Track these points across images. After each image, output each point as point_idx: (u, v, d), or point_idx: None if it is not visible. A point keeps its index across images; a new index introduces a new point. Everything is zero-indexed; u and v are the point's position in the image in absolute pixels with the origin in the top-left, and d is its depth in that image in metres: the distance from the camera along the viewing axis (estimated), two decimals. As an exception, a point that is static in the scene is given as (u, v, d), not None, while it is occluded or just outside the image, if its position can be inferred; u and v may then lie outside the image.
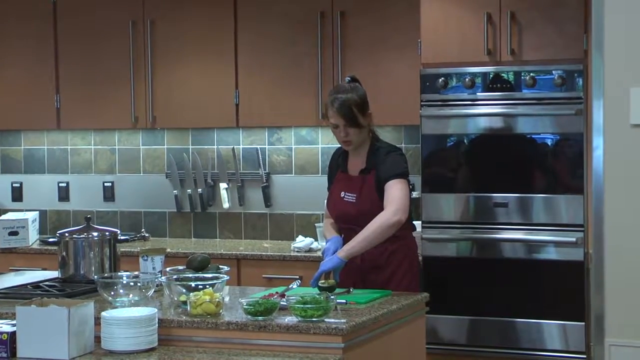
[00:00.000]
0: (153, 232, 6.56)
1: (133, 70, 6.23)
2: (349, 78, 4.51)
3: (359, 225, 4.34)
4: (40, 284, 4.43)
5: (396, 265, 4.37)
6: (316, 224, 6.06)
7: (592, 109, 4.09)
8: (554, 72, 5.21)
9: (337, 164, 4.55)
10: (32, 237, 6.34)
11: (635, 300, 3.99)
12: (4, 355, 3.48)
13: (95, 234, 4.50)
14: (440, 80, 5.38)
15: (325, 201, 4.62)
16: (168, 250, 5.07)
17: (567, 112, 5.17)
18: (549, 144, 5.31)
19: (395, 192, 4.26)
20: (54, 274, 4.61)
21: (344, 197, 4.42)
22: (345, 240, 4.41)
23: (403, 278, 4.38)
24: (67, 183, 6.82)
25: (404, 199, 4.27)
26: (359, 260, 4.32)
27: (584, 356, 5.15)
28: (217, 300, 3.76)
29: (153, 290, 4.00)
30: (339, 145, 4.56)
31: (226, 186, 6.37)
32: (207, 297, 3.75)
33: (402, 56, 5.68)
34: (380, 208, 4.29)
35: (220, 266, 4.39)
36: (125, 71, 6.25)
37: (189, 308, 3.77)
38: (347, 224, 4.43)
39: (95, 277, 4.14)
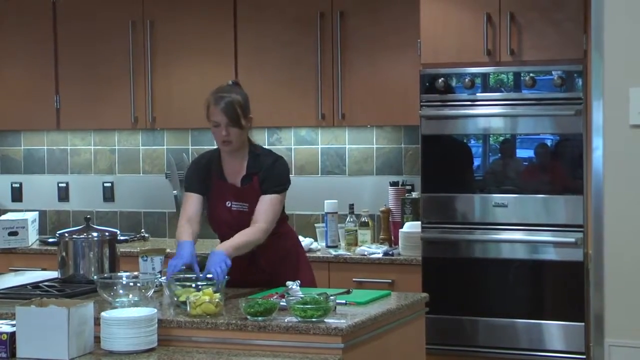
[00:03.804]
0: (153, 232, 6.56)
1: (133, 71, 6.24)
2: (231, 82, 4.50)
3: None
4: (40, 284, 4.43)
5: (294, 256, 4.49)
6: (316, 224, 6.06)
7: (592, 109, 4.09)
8: (553, 72, 5.22)
9: (209, 169, 4.43)
10: (32, 237, 6.34)
11: (635, 301, 3.99)
12: (4, 355, 3.48)
13: (94, 234, 4.50)
14: (440, 80, 5.38)
15: (187, 205, 4.42)
16: (168, 250, 5.06)
17: (567, 112, 5.17)
18: (549, 144, 5.32)
19: (268, 208, 4.30)
20: (54, 274, 4.62)
21: (231, 206, 4.36)
22: None
23: (305, 272, 4.49)
24: (67, 183, 6.82)
25: (273, 216, 4.31)
26: (263, 262, 4.37)
27: (584, 356, 5.15)
28: (216, 300, 3.76)
29: (153, 290, 4.00)
30: (204, 152, 4.61)
31: (226, 186, 6.36)
32: (207, 298, 3.75)
33: (401, 56, 5.69)
34: None
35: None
36: (125, 72, 6.25)
37: (188, 308, 3.77)
38: (236, 232, 4.32)
39: (95, 277, 4.14)
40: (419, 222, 5.49)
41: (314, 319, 3.61)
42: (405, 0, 5.63)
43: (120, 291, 3.93)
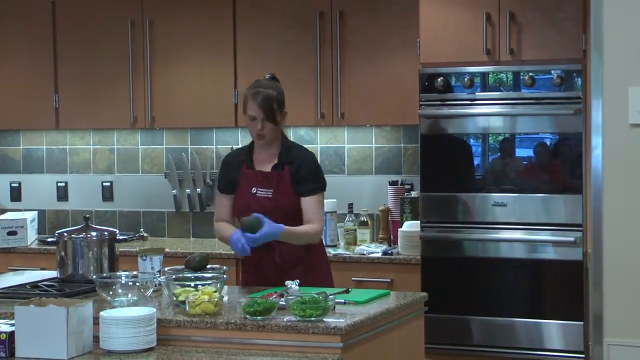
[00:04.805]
0: (152, 231, 6.56)
1: (132, 70, 6.23)
2: (269, 75, 4.57)
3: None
4: (39, 284, 4.42)
5: (309, 260, 4.43)
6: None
7: (591, 108, 4.10)
8: (552, 71, 5.22)
9: (238, 164, 4.51)
10: (31, 236, 6.34)
11: (634, 300, 4.00)
12: (3, 355, 3.48)
13: (93, 233, 4.50)
14: (439, 80, 5.38)
15: (219, 206, 4.58)
16: (167, 250, 5.06)
17: (566, 111, 5.17)
18: (548, 143, 5.32)
19: (320, 210, 4.45)
20: (53, 273, 4.61)
21: (256, 193, 4.43)
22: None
23: (321, 272, 4.48)
24: (66, 183, 6.82)
25: (322, 215, 4.49)
26: (278, 258, 4.40)
27: (583, 356, 5.15)
28: (215, 299, 3.76)
29: (152, 290, 4.00)
30: (234, 149, 4.73)
31: (225, 186, 6.36)
32: (206, 297, 3.75)
33: (401, 56, 5.68)
34: (295, 203, 4.40)
35: (219, 265, 4.40)
36: (124, 71, 6.25)
37: (187, 308, 3.77)
38: None
39: (94, 276, 4.14)
40: (418, 222, 5.49)
41: (313, 318, 3.60)
42: (405, 0, 5.63)
43: (119, 291, 3.93)
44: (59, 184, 6.83)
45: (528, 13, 5.25)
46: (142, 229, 6.55)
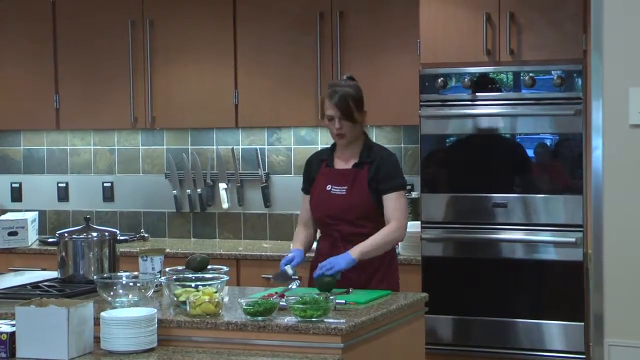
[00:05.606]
0: (152, 232, 6.56)
1: (132, 71, 6.23)
2: (347, 76, 4.59)
3: (344, 219, 4.39)
4: (40, 284, 4.43)
5: (377, 264, 4.39)
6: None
7: (591, 109, 4.10)
8: (553, 72, 5.22)
9: (320, 160, 4.56)
10: (32, 237, 6.34)
11: (635, 301, 4.00)
12: (4, 355, 3.48)
13: (94, 234, 4.50)
14: (440, 80, 5.37)
15: (302, 207, 4.61)
16: (167, 250, 5.07)
17: (566, 112, 5.17)
18: (548, 144, 5.31)
19: (400, 207, 4.42)
20: (54, 274, 4.62)
21: (330, 190, 4.46)
22: (324, 240, 4.48)
23: (383, 278, 4.43)
24: (67, 183, 6.82)
25: (406, 214, 4.48)
26: (342, 250, 4.36)
27: (584, 356, 5.15)
28: (216, 300, 3.77)
29: (152, 290, 4.00)
30: (315, 151, 4.70)
31: (225, 186, 6.37)
32: (207, 298, 3.76)
33: (401, 56, 5.68)
34: (370, 203, 4.40)
35: (219, 266, 4.40)
36: (124, 71, 6.25)
37: (188, 308, 3.77)
38: (333, 219, 4.44)
39: (95, 277, 4.15)
40: (419, 222, 5.49)
41: (313, 319, 3.61)
42: (405, 0, 5.63)
43: (120, 291, 3.94)
44: (59, 185, 6.83)
45: (528, 13, 5.25)
46: (142, 230, 6.56)
